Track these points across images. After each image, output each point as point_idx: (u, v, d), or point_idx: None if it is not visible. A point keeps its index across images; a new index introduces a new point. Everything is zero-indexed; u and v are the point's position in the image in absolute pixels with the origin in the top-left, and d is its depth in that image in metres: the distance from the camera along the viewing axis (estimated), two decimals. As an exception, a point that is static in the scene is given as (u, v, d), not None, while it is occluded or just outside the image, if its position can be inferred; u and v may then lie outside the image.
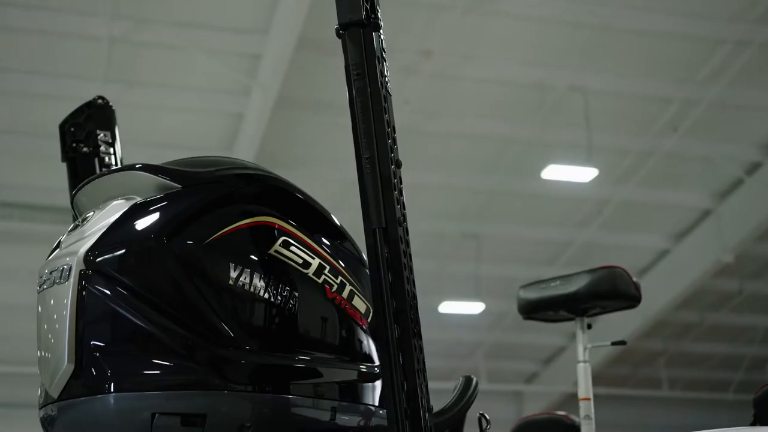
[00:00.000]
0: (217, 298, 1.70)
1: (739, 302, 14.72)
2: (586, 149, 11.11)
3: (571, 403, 3.50)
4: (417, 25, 9.52)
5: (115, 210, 1.78)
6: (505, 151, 11.52)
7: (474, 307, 14.74)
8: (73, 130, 2.98)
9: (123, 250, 1.72)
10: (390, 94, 1.69)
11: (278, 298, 1.76)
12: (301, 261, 1.80)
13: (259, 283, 1.74)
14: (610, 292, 3.35)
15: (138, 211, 1.76)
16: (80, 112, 3.01)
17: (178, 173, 1.79)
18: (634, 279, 3.41)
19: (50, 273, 1.77)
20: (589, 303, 3.37)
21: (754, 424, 2.95)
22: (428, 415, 1.61)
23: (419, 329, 1.65)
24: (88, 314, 1.70)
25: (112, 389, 1.67)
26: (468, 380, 2.02)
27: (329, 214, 1.91)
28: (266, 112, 9.93)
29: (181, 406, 1.67)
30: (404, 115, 10.06)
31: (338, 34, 1.67)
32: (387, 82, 1.69)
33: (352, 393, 1.84)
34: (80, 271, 1.71)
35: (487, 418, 2.00)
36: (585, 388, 3.41)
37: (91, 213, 1.83)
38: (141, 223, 1.74)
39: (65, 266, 1.73)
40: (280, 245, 1.79)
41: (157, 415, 1.65)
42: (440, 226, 12.60)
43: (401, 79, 9.69)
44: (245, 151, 10.17)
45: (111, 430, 1.68)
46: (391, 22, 9.10)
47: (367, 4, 1.67)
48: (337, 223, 1.93)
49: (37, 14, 8.88)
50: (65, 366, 1.69)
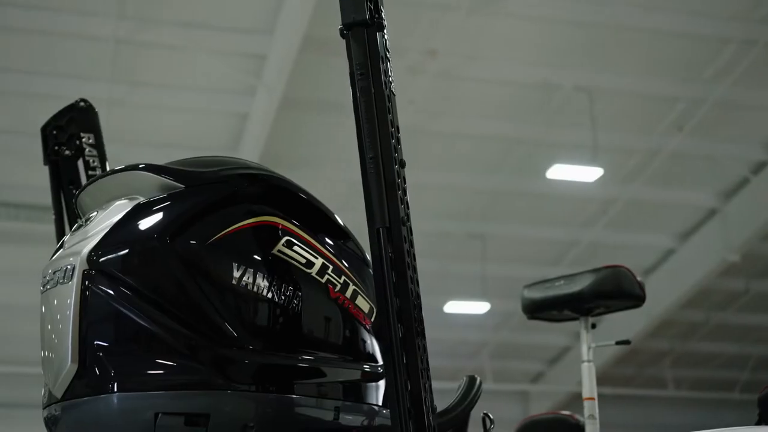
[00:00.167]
0: (220, 298, 1.70)
1: (745, 302, 14.68)
2: (591, 149, 11.09)
3: (578, 403, 3.50)
4: (422, 25, 9.52)
5: (119, 210, 1.78)
6: (510, 151, 11.51)
7: (479, 307, 14.72)
8: (55, 133, 2.97)
9: (126, 250, 1.72)
10: (394, 94, 1.68)
11: (281, 298, 1.76)
12: (304, 261, 1.80)
13: (263, 283, 1.74)
14: (614, 291, 3.35)
15: (141, 211, 1.76)
16: (62, 115, 3.00)
17: (181, 173, 1.79)
18: (638, 278, 3.40)
19: (53, 273, 1.77)
20: (593, 302, 3.37)
21: (759, 424, 2.94)
22: (432, 415, 1.60)
23: (423, 329, 1.64)
24: (92, 314, 1.70)
25: (116, 389, 1.68)
26: (472, 380, 2.02)
27: (333, 214, 1.91)
28: (271, 113, 9.93)
29: (184, 405, 1.67)
30: (409, 115, 10.06)
31: (342, 34, 1.66)
32: (391, 82, 1.68)
33: (355, 393, 1.84)
34: (83, 271, 1.71)
35: (491, 417, 2.00)
36: (589, 388, 3.40)
37: (95, 213, 1.83)
38: (144, 223, 1.74)
39: (68, 266, 1.73)
40: (284, 245, 1.78)
41: (160, 415, 1.66)
42: (445, 226, 12.59)
43: (406, 79, 9.69)
44: (250, 152, 10.16)
45: (114, 430, 1.69)
46: (396, 22, 9.04)
47: (371, 3, 1.66)
48: (341, 223, 1.93)
49: (38, 14, 8.87)
50: (69, 366, 1.69)
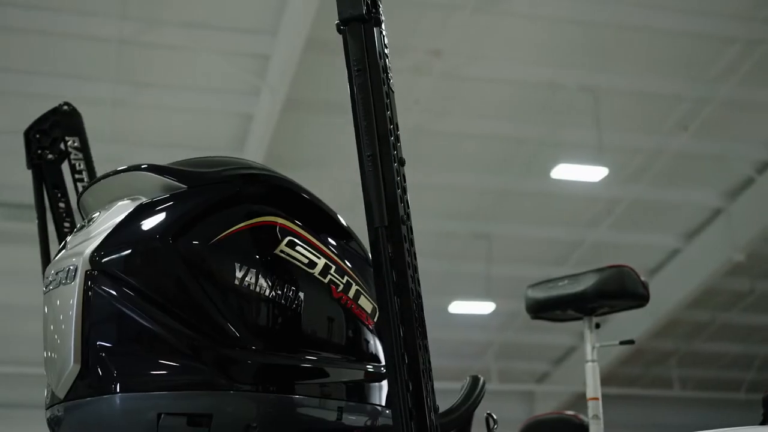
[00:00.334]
0: (222, 299, 1.70)
1: (750, 301, 14.67)
2: (596, 148, 11.09)
3: (583, 403, 3.50)
4: (426, 25, 9.52)
5: (121, 210, 1.78)
6: (515, 150, 11.51)
7: (484, 307, 14.72)
8: (38, 137, 2.98)
9: (129, 251, 1.72)
10: (393, 91, 1.64)
11: (284, 298, 1.75)
12: (306, 261, 1.80)
13: (265, 283, 1.74)
14: (618, 291, 3.34)
15: (144, 211, 1.76)
16: (45, 119, 3.01)
17: (183, 173, 1.79)
18: (642, 278, 3.40)
19: (56, 273, 1.77)
20: (597, 302, 3.36)
21: (764, 423, 2.93)
22: (434, 415, 1.60)
23: (424, 329, 1.63)
24: (94, 315, 1.70)
25: (118, 389, 1.67)
26: (475, 380, 2.01)
27: (335, 214, 1.91)
28: (275, 113, 9.93)
29: (187, 406, 1.67)
30: (414, 115, 10.07)
31: (339, 30, 1.63)
32: (390, 79, 1.64)
33: (358, 393, 1.83)
34: (86, 271, 1.71)
35: (495, 417, 1.99)
36: (593, 388, 3.40)
37: (97, 213, 1.83)
38: (147, 224, 1.74)
39: (71, 267, 1.73)
40: (286, 245, 1.78)
41: (163, 416, 1.65)
42: (450, 226, 12.59)
43: (411, 79, 9.69)
44: (254, 152, 10.17)
45: (117, 431, 1.69)
46: (401, 21, 9.10)
47: None
48: (344, 223, 1.92)
49: (38, 14, 8.89)
50: (71, 366, 1.69)
